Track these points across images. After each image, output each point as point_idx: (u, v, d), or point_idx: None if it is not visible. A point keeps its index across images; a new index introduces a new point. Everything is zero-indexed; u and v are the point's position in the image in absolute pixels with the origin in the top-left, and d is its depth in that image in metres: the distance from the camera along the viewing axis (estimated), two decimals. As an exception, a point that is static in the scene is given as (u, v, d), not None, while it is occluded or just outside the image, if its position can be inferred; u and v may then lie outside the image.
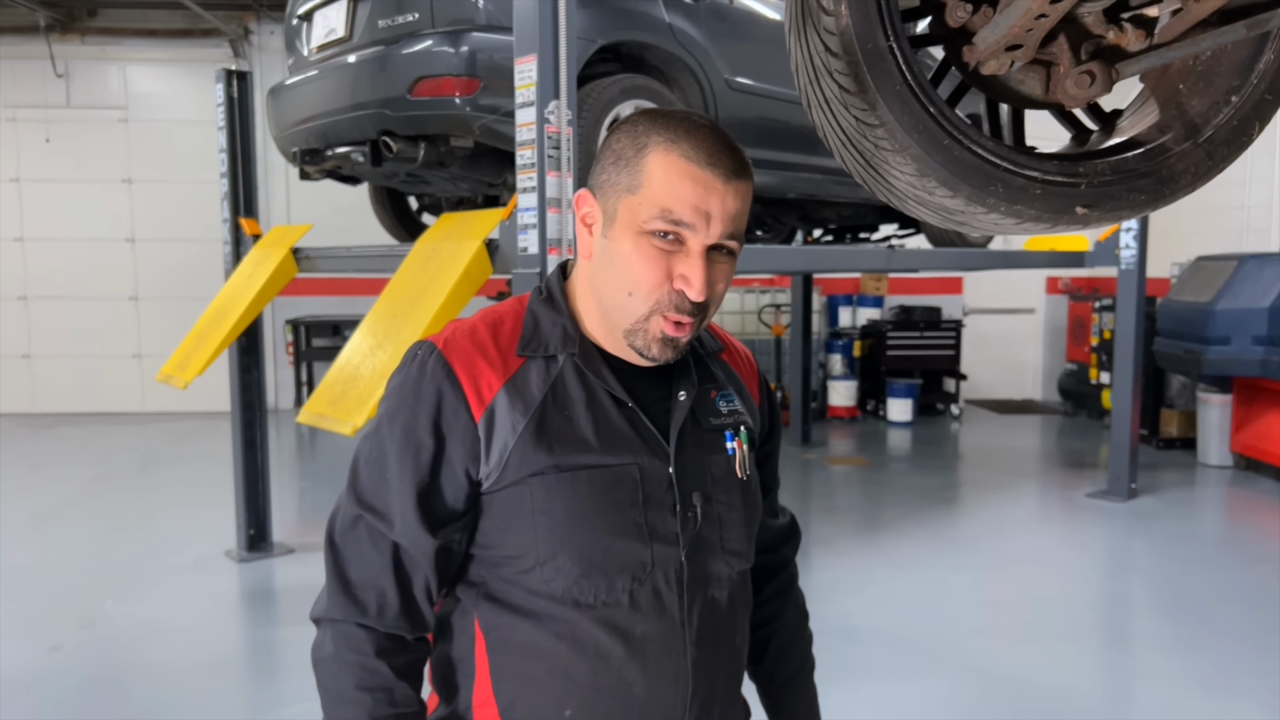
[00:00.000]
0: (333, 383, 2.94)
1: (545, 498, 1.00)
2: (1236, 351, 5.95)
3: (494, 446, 1.00)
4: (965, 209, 1.10)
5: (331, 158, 3.72)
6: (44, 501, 5.72)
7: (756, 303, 8.53)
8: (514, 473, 1.00)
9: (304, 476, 6.77)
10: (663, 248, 0.98)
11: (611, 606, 1.01)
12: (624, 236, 0.99)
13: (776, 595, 1.27)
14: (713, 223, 0.97)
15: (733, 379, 1.16)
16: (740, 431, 1.11)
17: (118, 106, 8.67)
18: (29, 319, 8.79)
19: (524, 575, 1.02)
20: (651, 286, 0.98)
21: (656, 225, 0.97)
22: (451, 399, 1.00)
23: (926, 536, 4.94)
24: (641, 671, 1.02)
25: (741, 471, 1.09)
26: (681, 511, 1.04)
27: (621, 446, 1.02)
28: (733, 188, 0.98)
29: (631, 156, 0.99)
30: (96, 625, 3.75)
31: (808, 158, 4.22)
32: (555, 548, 1.00)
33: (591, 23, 3.30)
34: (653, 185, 0.97)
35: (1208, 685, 3.23)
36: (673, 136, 0.98)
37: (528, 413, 1.00)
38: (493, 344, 1.04)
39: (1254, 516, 5.55)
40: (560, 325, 1.06)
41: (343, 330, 8.53)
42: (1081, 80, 1.11)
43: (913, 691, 3.18)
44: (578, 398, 1.03)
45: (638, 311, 0.99)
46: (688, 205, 0.96)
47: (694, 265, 0.97)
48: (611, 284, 1.01)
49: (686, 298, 0.98)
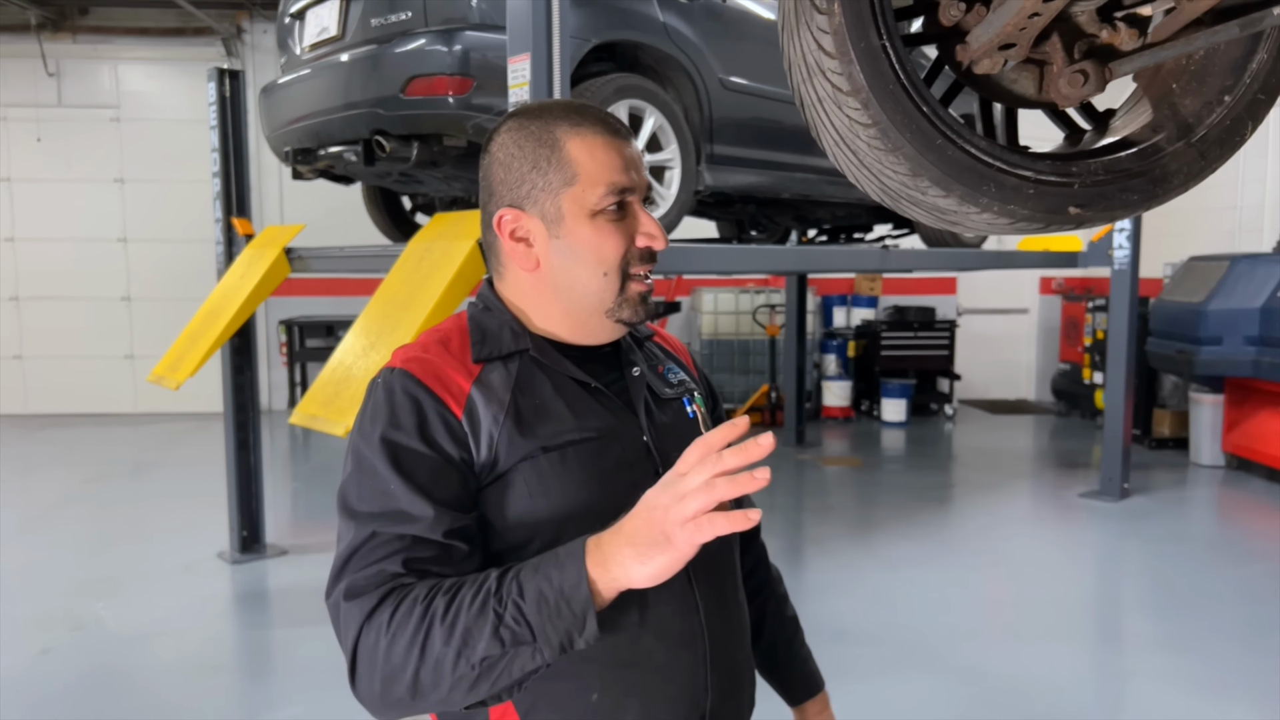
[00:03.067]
0: (325, 383, 2.93)
1: (538, 479, 1.01)
2: (1229, 352, 5.97)
3: (481, 438, 1.01)
4: (958, 209, 1.10)
5: (324, 157, 3.71)
6: (35, 503, 5.69)
7: (751, 303, 8.53)
8: (504, 463, 1.01)
9: (297, 478, 6.75)
10: (617, 218, 1.05)
11: None
12: (579, 227, 1.04)
13: (758, 564, 1.34)
14: (637, 178, 1.06)
15: (671, 358, 1.24)
16: (695, 397, 1.18)
17: (109, 105, 8.63)
18: (20, 320, 8.75)
19: None
20: (620, 256, 1.05)
21: (608, 201, 1.03)
22: (430, 403, 1.00)
23: (920, 537, 4.95)
24: (659, 636, 1.03)
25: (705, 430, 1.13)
26: (663, 473, 1.04)
27: (597, 421, 1.06)
28: (632, 143, 1.08)
29: (550, 155, 1.04)
30: (88, 628, 3.73)
31: (802, 158, 4.22)
32: (558, 527, 1.00)
33: (585, 22, 3.29)
34: (588, 168, 1.03)
35: (1200, 685, 3.24)
36: (573, 121, 1.05)
37: (504, 406, 1.03)
38: (449, 354, 1.06)
39: (1246, 516, 5.57)
40: (506, 326, 1.09)
41: (336, 331, 8.51)
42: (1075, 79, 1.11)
43: (905, 692, 3.18)
44: (543, 387, 1.06)
45: (615, 285, 1.06)
46: (621, 171, 1.04)
47: (648, 220, 1.06)
48: (583, 274, 1.06)
49: (651, 250, 1.07)
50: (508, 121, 1.08)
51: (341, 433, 2.69)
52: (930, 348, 8.56)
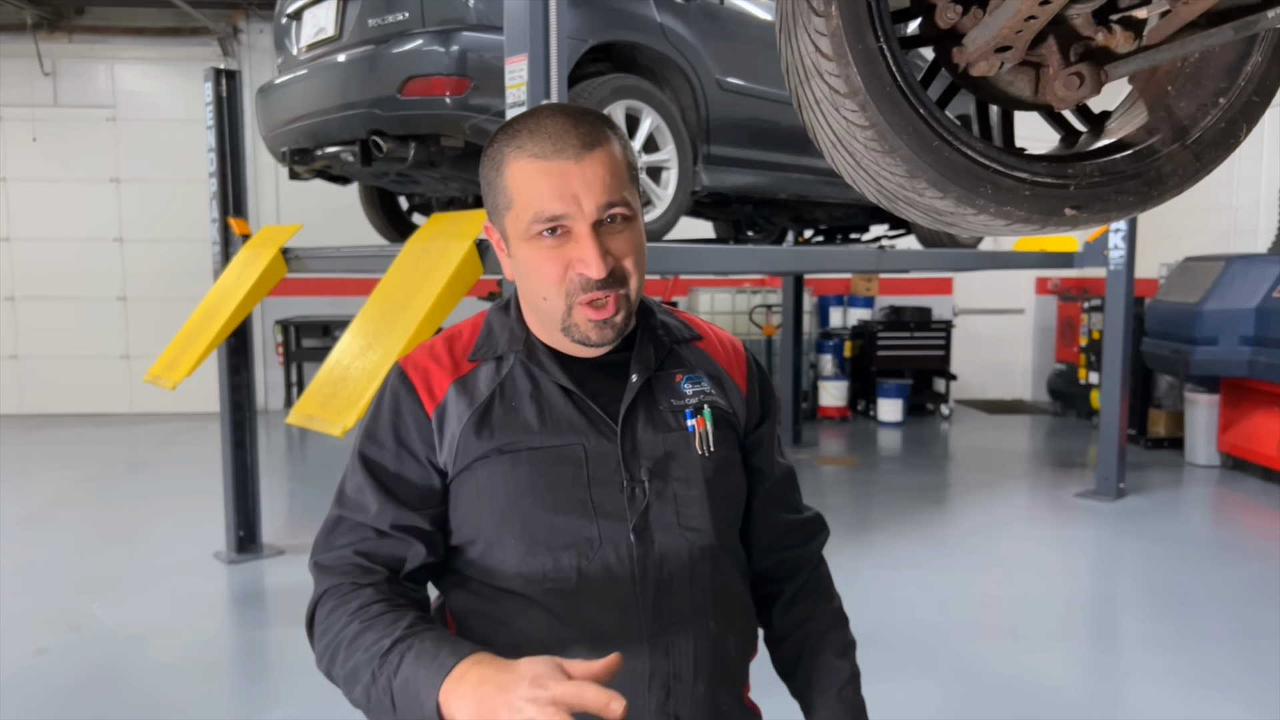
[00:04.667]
0: (322, 384, 2.93)
1: (488, 479, 1.05)
2: (1224, 352, 5.98)
3: (445, 436, 1.07)
4: (955, 210, 1.10)
5: (321, 157, 3.71)
6: (31, 503, 5.67)
7: (748, 303, 8.54)
8: (463, 459, 1.06)
9: (294, 478, 6.74)
10: (553, 244, 1.02)
11: (559, 583, 1.03)
12: (519, 249, 1.05)
13: (800, 598, 1.23)
14: (584, 202, 1.01)
15: (708, 365, 1.17)
16: (704, 410, 1.12)
17: (105, 105, 8.61)
18: (16, 320, 8.73)
19: (480, 559, 1.07)
20: (556, 282, 1.03)
21: (535, 228, 1.02)
22: (408, 401, 1.09)
23: (916, 536, 4.95)
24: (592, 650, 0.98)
25: (701, 448, 1.10)
26: (630, 488, 1.06)
27: (566, 429, 1.07)
28: (589, 161, 1.01)
29: (494, 178, 1.06)
30: (84, 628, 3.73)
31: (799, 158, 4.22)
32: (500, 526, 1.05)
33: (582, 22, 3.30)
34: (520, 194, 1.03)
35: (1196, 684, 3.25)
36: (518, 143, 1.03)
37: (473, 404, 1.07)
38: (447, 353, 1.12)
39: (1241, 516, 5.59)
40: (509, 328, 1.13)
41: (333, 331, 8.50)
42: (1070, 82, 1.11)
43: (902, 691, 3.18)
44: (524, 390, 1.09)
45: (558, 309, 1.05)
46: (552, 199, 1.00)
47: (583, 246, 1.01)
48: (530, 295, 1.08)
49: (590, 278, 1.02)
50: (493, 135, 1.09)
51: (339, 433, 2.69)
52: (926, 348, 8.57)
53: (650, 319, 1.16)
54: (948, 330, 8.64)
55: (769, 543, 1.22)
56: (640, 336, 1.13)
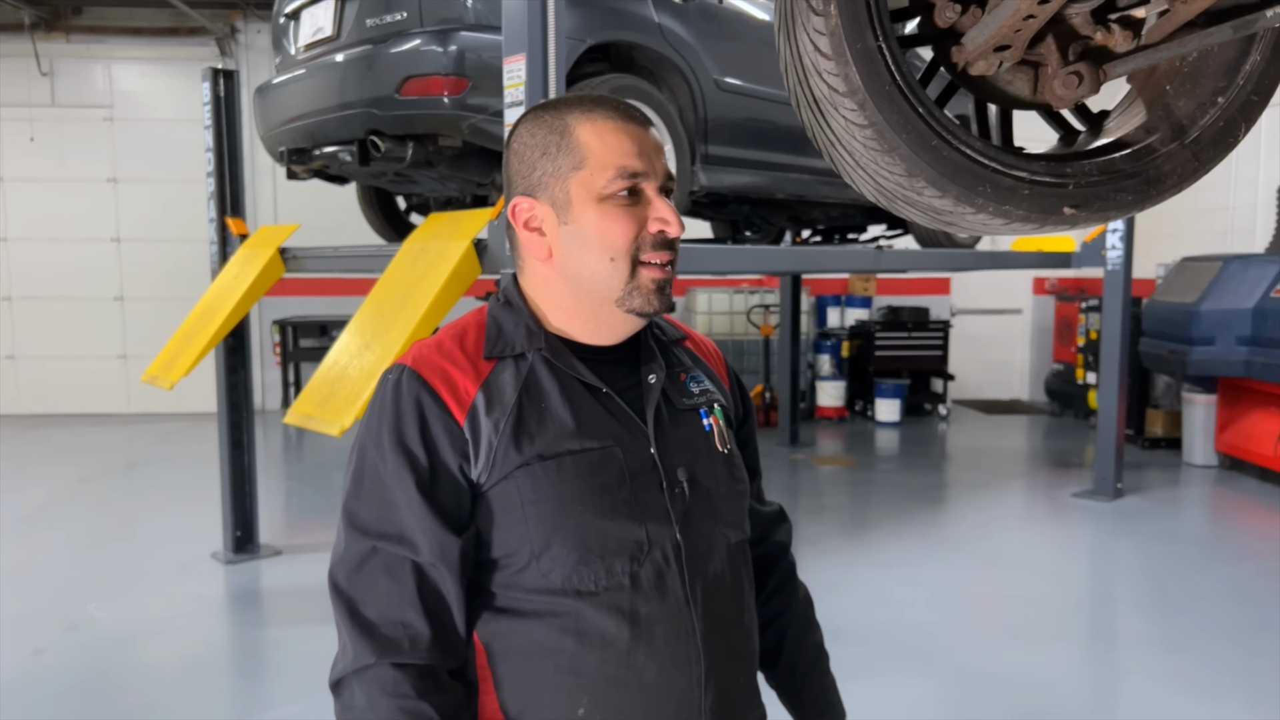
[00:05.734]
0: (320, 383, 2.93)
1: (533, 488, 1.00)
2: (1221, 352, 5.99)
3: (480, 445, 1.00)
4: (953, 209, 1.10)
5: (319, 157, 3.70)
6: (28, 503, 5.67)
7: (745, 303, 8.54)
8: (501, 469, 1.00)
9: (291, 478, 6.73)
10: (626, 204, 1.02)
11: (613, 590, 1.00)
12: (586, 212, 1.02)
13: (781, 586, 1.28)
14: (656, 164, 1.04)
15: (700, 364, 1.19)
16: (714, 409, 1.13)
17: (103, 105, 8.60)
18: (13, 320, 8.71)
19: (521, 574, 1.00)
20: (629, 241, 1.02)
21: (616, 185, 1.01)
22: (433, 407, 1.00)
23: (914, 536, 4.96)
24: (650, 655, 1.00)
25: (722, 445, 1.11)
26: (669, 488, 1.04)
27: (601, 430, 1.03)
28: (652, 136, 1.05)
29: (560, 140, 1.03)
30: (81, 628, 3.72)
31: (796, 158, 4.22)
32: (548, 536, 0.99)
33: (580, 22, 3.30)
34: (596, 152, 1.01)
35: (1193, 684, 3.25)
36: (585, 108, 1.03)
37: (506, 411, 1.01)
38: (460, 353, 1.05)
39: (1238, 516, 5.60)
40: (523, 324, 1.07)
41: (330, 330, 8.50)
42: (1069, 81, 1.11)
43: (900, 691, 3.19)
44: (551, 390, 1.04)
45: (624, 272, 1.02)
46: (634, 155, 1.02)
47: (662, 206, 1.03)
48: (591, 261, 1.03)
49: (665, 235, 1.03)
50: (525, 115, 1.08)
51: (337, 433, 2.69)
52: (924, 348, 8.57)
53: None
54: (945, 330, 8.65)
55: (754, 537, 1.22)
56: (644, 335, 1.12)
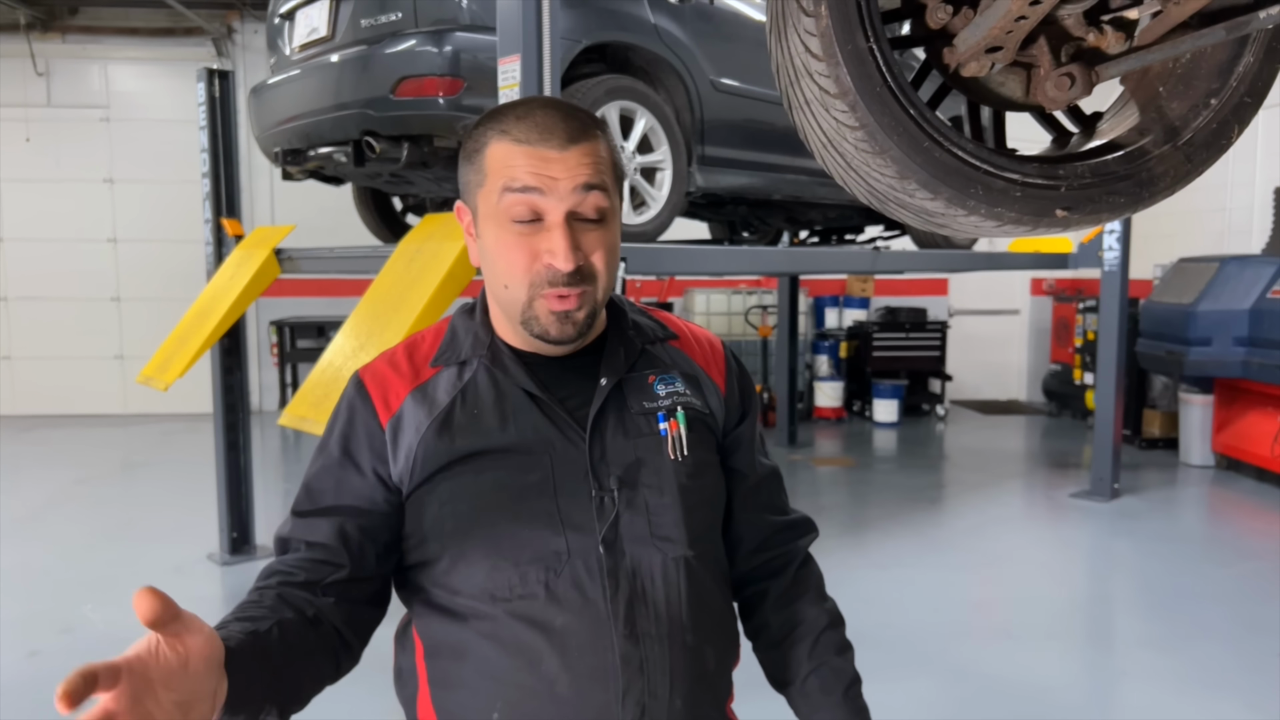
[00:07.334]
0: (315, 385, 2.92)
1: (450, 490, 1.01)
2: (1218, 352, 6.00)
3: (400, 448, 1.02)
4: (946, 211, 1.10)
5: (314, 158, 3.70)
6: (23, 504, 5.65)
7: (743, 304, 8.54)
8: (421, 472, 1.01)
9: (288, 479, 6.72)
10: (523, 231, 0.98)
11: (527, 599, 0.98)
12: (487, 230, 1.01)
13: (794, 596, 1.17)
14: (560, 186, 0.97)
15: (684, 364, 1.13)
16: (676, 413, 1.07)
17: (99, 105, 8.59)
18: (9, 320, 8.70)
19: (445, 575, 1.01)
20: (522, 271, 0.99)
21: (507, 202, 0.97)
22: (361, 411, 1.05)
23: (911, 536, 4.96)
24: (564, 668, 0.97)
25: (675, 453, 1.05)
26: (598, 498, 1.01)
27: (532, 436, 1.02)
28: (574, 152, 0.97)
29: (473, 153, 1.02)
30: (76, 630, 3.71)
31: (793, 159, 4.22)
32: (463, 541, 1.00)
33: (576, 23, 3.29)
34: (494, 169, 0.99)
35: (1190, 684, 3.25)
36: (504, 126, 0.99)
37: (432, 414, 1.03)
38: (406, 361, 1.08)
39: (1235, 516, 5.60)
40: (473, 332, 1.08)
41: (328, 331, 8.48)
42: (1062, 83, 1.11)
43: (897, 691, 3.18)
44: (488, 396, 1.04)
45: (520, 299, 1.00)
46: (526, 173, 0.97)
47: (554, 236, 0.97)
48: (492, 281, 1.03)
49: (558, 270, 0.97)
50: (482, 116, 1.07)
51: (331, 434, 2.68)
52: (922, 348, 8.58)
53: (622, 320, 1.12)
54: (943, 331, 8.65)
55: (754, 545, 1.17)
56: (611, 338, 1.10)
